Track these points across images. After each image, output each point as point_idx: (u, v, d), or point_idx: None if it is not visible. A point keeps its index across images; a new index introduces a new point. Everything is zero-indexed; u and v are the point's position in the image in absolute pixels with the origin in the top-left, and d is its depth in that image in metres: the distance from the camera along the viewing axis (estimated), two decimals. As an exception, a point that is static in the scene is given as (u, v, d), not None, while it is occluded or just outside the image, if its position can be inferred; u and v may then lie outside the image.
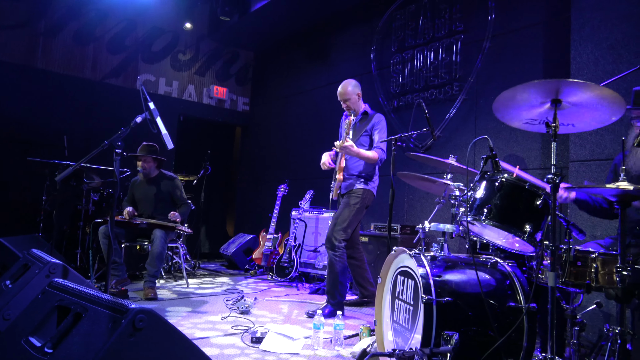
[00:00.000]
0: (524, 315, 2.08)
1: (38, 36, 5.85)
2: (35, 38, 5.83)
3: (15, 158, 5.54)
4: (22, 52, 5.73)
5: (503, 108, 1.98)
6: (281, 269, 5.17)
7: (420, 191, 4.83)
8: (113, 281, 3.95)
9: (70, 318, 1.46)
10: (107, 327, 1.32)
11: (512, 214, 2.03)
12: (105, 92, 6.30)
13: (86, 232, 4.86)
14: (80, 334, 1.37)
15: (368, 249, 4.53)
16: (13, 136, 5.50)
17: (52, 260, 2.32)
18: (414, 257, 2.19)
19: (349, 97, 3.71)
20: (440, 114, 4.71)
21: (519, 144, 4.09)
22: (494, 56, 4.38)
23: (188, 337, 1.48)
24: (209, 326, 3.13)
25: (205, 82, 7.36)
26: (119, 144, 2.18)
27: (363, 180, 3.66)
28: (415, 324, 2.12)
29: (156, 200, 4.43)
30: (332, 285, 3.53)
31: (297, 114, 6.84)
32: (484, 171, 2.15)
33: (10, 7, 5.65)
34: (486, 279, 2.20)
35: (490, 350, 2.00)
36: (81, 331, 1.38)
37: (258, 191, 7.35)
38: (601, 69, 3.32)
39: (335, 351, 2.68)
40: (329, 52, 6.40)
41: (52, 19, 5.94)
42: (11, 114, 5.53)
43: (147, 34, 6.77)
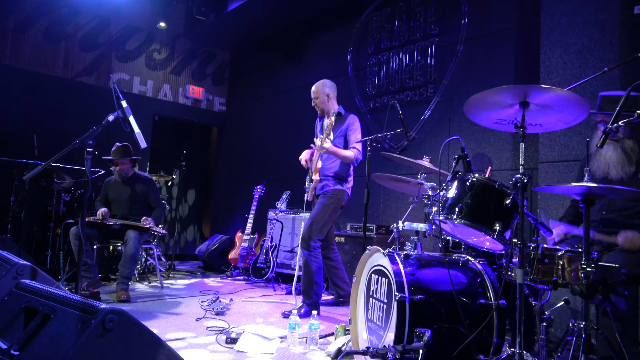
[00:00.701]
0: (493, 311, 2.13)
1: (7, 32, 5.69)
2: (4, 34, 5.67)
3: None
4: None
5: (474, 109, 2.03)
6: (257, 270, 5.15)
7: (395, 192, 4.89)
8: (84, 283, 3.87)
9: (38, 319, 1.43)
10: (77, 328, 1.30)
11: (482, 212, 2.08)
12: (78, 90, 6.17)
13: (57, 233, 4.75)
14: (48, 335, 1.34)
15: (344, 249, 4.56)
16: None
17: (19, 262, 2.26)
18: (387, 256, 2.22)
19: (318, 95, 3.75)
20: (416, 115, 4.77)
21: (491, 145, 4.18)
22: (467, 59, 4.47)
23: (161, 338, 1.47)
24: (183, 327, 3.10)
25: (181, 82, 7.28)
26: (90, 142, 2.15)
27: (338, 180, 3.69)
28: (388, 322, 2.15)
29: (130, 202, 4.36)
30: (308, 285, 3.54)
31: (274, 115, 6.82)
32: (455, 171, 2.19)
33: (-23, 2, 5.48)
34: (458, 277, 2.25)
35: (462, 347, 2.04)
36: (49, 332, 1.35)
37: (234, 192, 7.30)
38: (569, 73, 3.42)
39: (311, 350, 2.69)
40: (306, 53, 6.41)
41: (22, 15, 5.79)
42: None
43: (121, 32, 6.66)
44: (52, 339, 1.33)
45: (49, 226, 4.79)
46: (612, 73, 3.16)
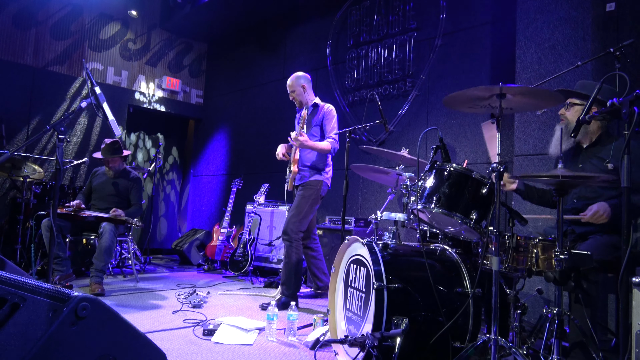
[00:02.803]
0: (469, 300, 2.16)
1: (-27, 18, 5.47)
2: (-30, 20, 5.45)
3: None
4: (-46, 35, 5.34)
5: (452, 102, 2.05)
6: (235, 263, 5.11)
7: (374, 184, 4.91)
8: (56, 277, 3.77)
9: (6, 309, 1.38)
10: (47, 317, 1.26)
11: (459, 201, 2.10)
12: (49, 79, 5.98)
13: (27, 226, 4.61)
14: (18, 324, 1.30)
15: (323, 241, 4.56)
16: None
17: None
18: (366, 245, 2.22)
19: (294, 88, 3.75)
20: (394, 109, 4.80)
21: (468, 139, 4.24)
22: (445, 54, 4.51)
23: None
24: (160, 320, 3.06)
25: (157, 73, 7.14)
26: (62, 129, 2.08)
27: (316, 171, 3.69)
28: (367, 311, 2.16)
29: (112, 196, 4.31)
30: (287, 276, 3.53)
31: (252, 108, 6.76)
32: (433, 161, 2.21)
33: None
34: (435, 266, 2.27)
35: (439, 334, 2.06)
36: (19, 321, 1.30)
37: (212, 185, 7.22)
38: (544, 68, 3.49)
39: (289, 341, 2.69)
40: (284, 46, 6.37)
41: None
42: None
43: (95, 20, 6.48)
44: (21, 328, 1.28)
45: (18, 219, 4.64)
46: (585, 68, 3.24)
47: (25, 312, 1.34)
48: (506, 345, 1.91)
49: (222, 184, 7.00)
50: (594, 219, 2.23)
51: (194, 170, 7.68)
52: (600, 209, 2.22)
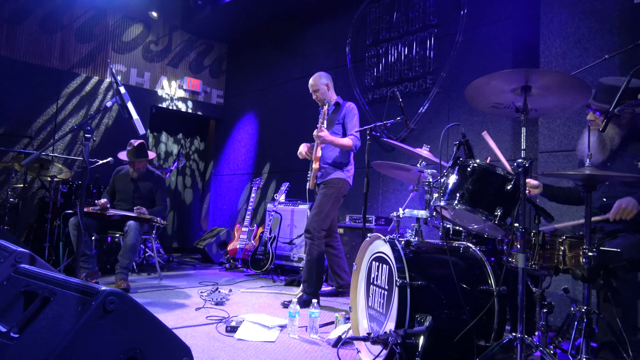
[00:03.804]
0: (494, 298, 2.13)
1: (2, 23, 5.62)
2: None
3: (-22, 149, 5.34)
4: (-16, 39, 5.51)
5: (474, 92, 2.01)
6: (256, 262, 5.14)
7: (394, 183, 4.88)
8: (83, 274, 3.85)
9: (37, 302, 1.41)
10: (77, 310, 1.29)
11: (483, 198, 2.07)
12: (74, 81, 6.12)
13: (55, 225, 4.72)
14: (48, 317, 1.33)
15: (343, 240, 4.55)
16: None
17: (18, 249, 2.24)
18: (388, 242, 2.20)
19: (318, 87, 3.75)
20: (414, 106, 4.76)
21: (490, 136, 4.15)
22: (466, 50, 4.45)
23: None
24: (183, 317, 3.09)
25: (179, 74, 7.23)
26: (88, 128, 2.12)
27: (339, 168, 3.69)
28: (389, 309, 2.14)
29: (136, 197, 4.37)
30: (309, 274, 3.54)
31: (272, 107, 6.79)
32: (456, 157, 2.18)
33: (-28, -8, 5.41)
34: (459, 263, 2.24)
35: (463, 332, 2.03)
36: (49, 315, 1.33)
37: (232, 184, 7.28)
38: (568, 62, 3.41)
39: (311, 338, 2.69)
40: (304, 45, 6.38)
41: (17, 5, 5.72)
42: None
43: (118, 23, 6.60)
44: (51, 321, 1.31)
45: (46, 217, 4.76)
46: (612, 61, 3.16)
47: (55, 305, 1.37)
48: (533, 344, 1.87)
49: (242, 183, 7.05)
50: (621, 215, 2.17)
51: (215, 170, 7.75)
52: (627, 203, 2.16)
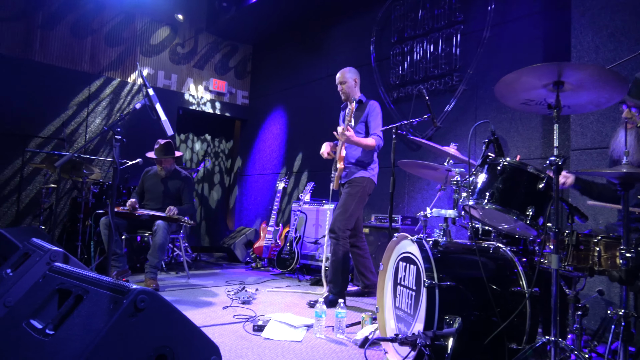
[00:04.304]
0: (526, 299, 2.07)
1: (36, 29, 5.80)
2: (33, 31, 5.79)
3: (14, 151, 5.52)
4: (19, 45, 5.69)
5: (504, 89, 1.96)
6: (282, 261, 5.16)
7: (420, 182, 4.82)
8: (114, 272, 3.94)
9: (71, 300, 1.44)
10: (109, 308, 1.31)
11: (514, 197, 2.02)
12: (104, 84, 6.27)
13: (86, 224, 4.84)
14: (81, 315, 1.36)
15: (369, 239, 4.52)
16: (12, 129, 5.47)
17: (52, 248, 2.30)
18: (416, 242, 2.17)
19: (346, 80, 3.72)
20: (440, 104, 4.69)
21: (520, 133, 4.07)
22: (493, 46, 4.36)
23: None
24: (211, 315, 3.12)
25: (204, 76, 7.32)
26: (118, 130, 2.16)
27: (363, 168, 3.67)
28: (417, 310, 2.11)
29: (164, 196, 4.45)
30: (334, 274, 3.52)
31: (296, 107, 6.81)
32: (485, 155, 2.13)
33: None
34: (488, 264, 2.19)
35: (493, 335, 1.99)
36: (82, 312, 1.36)
37: (258, 184, 7.33)
38: (602, 57, 3.30)
39: (337, 338, 2.68)
40: (327, 44, 6.37)
41: (50, 11, 5.90)
42: (10, 107, 5.50)
43: (146, 26, 6.73)
44: (85, 318, 1.34)
45: (78, 217, 4.89)
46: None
47: (88, 303, 1.39)
48: (567, 347, 1.81)
49: (268, 182, 7.09)
50: None
51: (241, 170, 7.82)
52: None
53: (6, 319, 1.63)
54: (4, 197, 5.47)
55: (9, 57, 5.58)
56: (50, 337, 1.34)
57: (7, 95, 5.48)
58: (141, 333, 1.31)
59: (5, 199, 5.48)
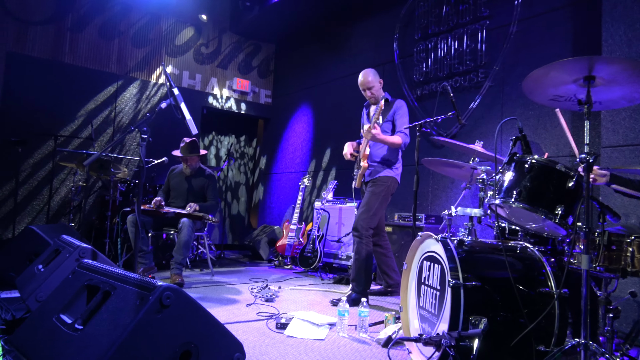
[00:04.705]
0: (555, 300, 2.02)
1: (65, 31, 5.96)
2: (63, 33, 5.94)
3: (46, 150, 5.69)
4: (50, 47, 5.85)
5: (533, 85, 1.91)
6: (305, 259, 5.17)
7: (445, 180, 4.76)
8: (140, 269, 4.01)
9: (99, 296, 1.48)
10: (135, 304, 1.33)
11: (542, 195, 1.97)
12: (131, 85, 6.40)
13: (114, 222, 4.95)
14: (109, 310, 1.39)
15: (392, 238, 4.49)
16: (44, 129, 5.64)
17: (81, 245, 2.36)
18: (440, 241, 2.14)
19: (372, 85, 3.69)
20: (465, 102, 4.61)
21: (548, 131, 3.97)
22: (520, 41, 4.26)
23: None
24: (234, 312, 3.15)
25: (228, 75, 7.39)
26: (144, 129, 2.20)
27: (387, 166, 3.64)
28: (442, 310, 2.08)
29: (188, 194, 4.51)
30: (358, 272, 3.51)
31: (320, 105, 6.81)
32: (512, 153, 2.09)
33: (39, 4, 5.76)
34: (515, 263, 2.14)
35: (520, 336, 1.94)
36: (110, 308, 1.39)
37: (281, 182, 7.36)
38: (635, 51, 3.19)
39: (360, 337, 2.66)
40: (350, 42, 6.34)
41: (79, 14, 6.05)
42: (41, 107, 5.66)
43: (171, 27, 6.84)
44: (112, 314, 1.36)
45: (106, 215, 5.00)
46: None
47: (115, 299, 1.42)
48: (598, 350, 1.76)
49: (290, 181, 7.12)
50: None
51: (264, 168, 7.87)
52: None
53: (38, 313, 1.68)
54: (36, 195, 5.65)
55: (41, 59, 5.75)
56: (79, 332, 1.37)
57: (39, 96, 5.65)
58: (167, 329, 1.32)
59: (38, 197, 5.65)
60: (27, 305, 2.21)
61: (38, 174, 5.67)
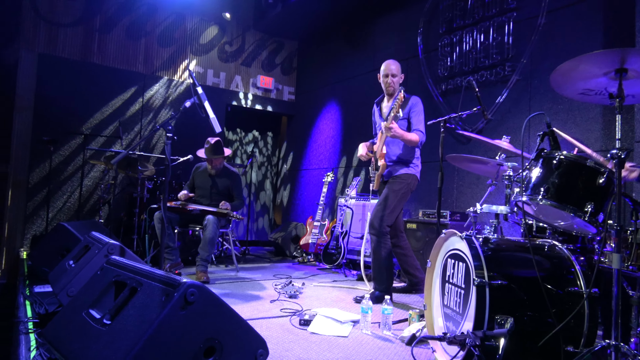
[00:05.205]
0: (584, 300, 1.96)
1: (94, 32, 6.11)
2: (91, 34, 6.09)
3: (75, 149, 5.85)
4: (79, 48, 6.01)
5: (561, 79, 1.86)
6: (328, 256, 5.18)
7: (470, 176, 4.68)
8: (167, 265, 4.10)
9: (126, 292, 1.51)
10: (160, 300, 1.36)
11: (571, 192, 1.91)
12: (157, 83, 6.52)
13: (141, 218, 5.06)
14: (135, 306, 1.42)
15: (416, 235, 4.45)
16: (74, 128, 5.81)
17: (110, 242, 2.42)
18: (465, 239, 2.11)
19: (396, 73, 3.62)
20: (491, 96, 4.52)
21: (578, 125, 3.86)
22: (549, 33, 4.15)
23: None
24: (259, 308, 3.19)
25: (252, 73, 7.45)
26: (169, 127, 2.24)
27: (405, 165, 3.58)
28: (467, 308, 2.06)
29: (213, 193, 4.58)
30: (378, 271, 3.49)
31: (343, 102, 6.79)
32: (540, 149, 2.04)
33: (68, 6, 5.92)
34: (543, 262, 2.09)
35: (548, 337, 1.90)
36: (136, 304, 1.42)
37: (305, 179, 7.39)
38: (671, 41, 3.07)
39: (384, 335, 2.65)
40: (373, 38, 6.30)
41: (106, 15, 6.19)
42: (71, 107, 5.83)
43: (195, 26, 6.93)
44: (138, 309, 1.40)
45: (134, 212, 5.12)
46: None
47: (141, 295, 1.45)
48: (629, 352, 1.70)
49: (314, 177, 7.13)
50: None
51: (288, 165, 7.91)
52: None
53: (69, 308, 1.73)
54: (67, 192, 5.82)
55: (70, 60, 5.91)
56: (108, 327, 1.41)
57: (69, 96, 5.81)
58: (191, 325, 1.35)
59: (69, 194, 5.83)
60: (59, 299, 2.29)
61: (68, 172, 5.84)
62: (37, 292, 3.09)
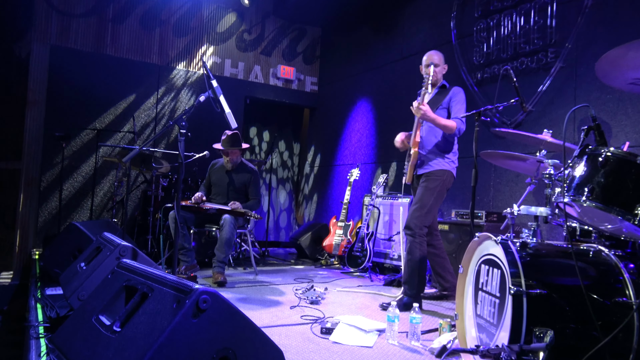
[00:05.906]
0: (634, 312, 1.91)
1: (107, 23, 6.24)
2: (105, 25, 6.23)
3: (87, 145, 6.00)
4: (92, 40, 6.16)
5: (608, 68, 1.80)
6: (353, 259, 5.17)
7: (508, 173, 4.60)
8: (182, 267, 4.16)
9: (137, 297, 1.55)
10: (172, 307, 1.38)
11: (619, 193, 1.86)
12: (172, 75, 6.62)
13: (156, 218, 5.16)
14: (146, 313, 1.45)
15: (449, 237, 4.40)
16: (87, 123, 5.96)
17: (122, 243, 2.48)
18: (500, 244, 2.07)
19: (438, 63, 3.67)
20: (532, 85, 4.42)
21: (629, 116, 3.74)
22: (597, 15, 4.02)
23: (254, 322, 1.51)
24: (277, 315, 3.21)
25: (272, 62, 7.48)
26: (183, 124, 2.27)
27: (440, 157, 3.56)
28: (502, 319, 2.02)
29: (230, 190, 4.63)
30: (410, 274, 3.47)
31: (369, 93, 6.75)
32: (584, 145, 1.98)
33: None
34: (588, 269, 2.04)
35: (592, 352, 1.85)
36: (147, 310, 1.45)
37: (328, 176, 7.39)
38: None
39: (412, 346, 2.64)
40: (402, 24, 6.23)
41: (120, 4, 6.32)
42: (84, 101, 5.98)
43: (212, 14, 7.00)
44: (149, 316, 1.43)
45: (148, 211, 5.22)
46: None
47: (152, 301, 1.48)
48: (685, 370, 1.65)
49: (338, 174, 7.12)
50: None
51: (310, 161, 7.92)
52: None
53: (79, 312, 1.78)
54: (80, 190, 5.98)
55: (83, 51, 6.06)
56: (117, 334, 1.45)
57: (81, 89, 5.96)
58: (203, 334, 1.37)
59: (81, 192, 5.99)
60: (70, 303, 2.36)
61: (81, 169, 5.99)
62: (48, 295, 3.19)
